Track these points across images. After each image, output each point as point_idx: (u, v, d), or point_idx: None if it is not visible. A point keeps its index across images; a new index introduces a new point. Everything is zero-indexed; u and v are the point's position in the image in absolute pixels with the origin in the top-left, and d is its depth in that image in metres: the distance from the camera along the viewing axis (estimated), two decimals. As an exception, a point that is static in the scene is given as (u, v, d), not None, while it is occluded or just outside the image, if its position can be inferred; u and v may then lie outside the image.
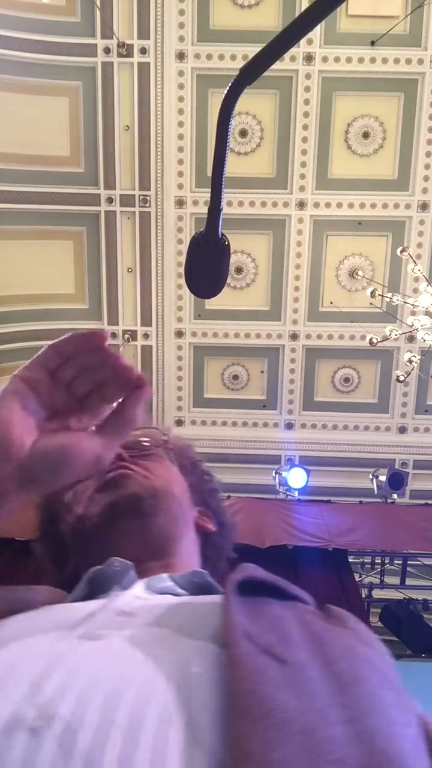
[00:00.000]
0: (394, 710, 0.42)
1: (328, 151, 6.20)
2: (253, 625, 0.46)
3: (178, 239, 6.43)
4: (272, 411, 6.97)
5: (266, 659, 0.42)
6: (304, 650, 0.45)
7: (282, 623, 0.49)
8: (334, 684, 0.42)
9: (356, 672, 0.44)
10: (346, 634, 0.51)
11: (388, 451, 6.88)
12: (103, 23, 5.78)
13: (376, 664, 0.46)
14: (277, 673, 0.41)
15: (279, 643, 0.45)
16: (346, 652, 0.46)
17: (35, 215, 6.26)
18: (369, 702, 0.41)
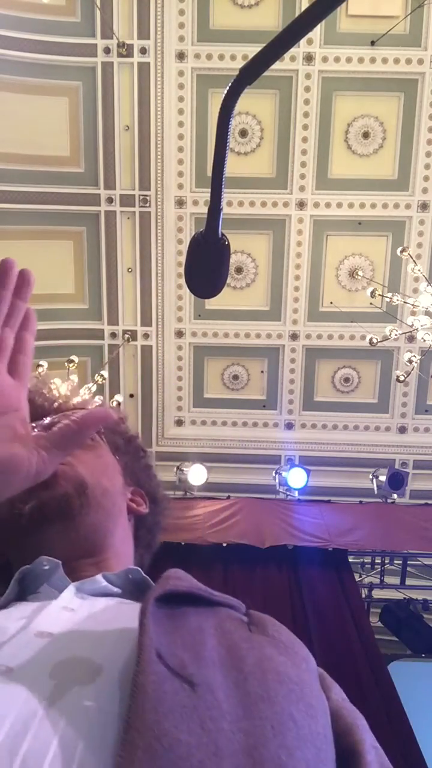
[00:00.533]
0: (300, 726, 0.43)
1: (328, 151, 6.19)
2: (169, 643, 0.46)
3: (178, 239, 6.42)
4: (272, 411, 6.97)
5: (175, 683, 0.41)
6: (218, 667, 0.45)
7: (200, 636, 0.48)
8: (242, 706, 0.42)
9: (265, 688, 0.44)
10: (265, 643, 0.51)
11: (388, 451, 6.88)
12: (103, 23, 5.78)
13: (287, 674, 0.47)
14: (185, 699, 0.40)
15: (192, 662, 0.44)
16: (259, 664, 0.46)
17: (35, 215, 6.26)
18: (273, 725, 0.41)
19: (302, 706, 0.45)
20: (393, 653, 4.64)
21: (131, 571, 0.65)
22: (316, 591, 4.37)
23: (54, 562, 0.64)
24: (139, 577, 0.65)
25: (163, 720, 0.38)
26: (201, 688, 0.42)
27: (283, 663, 0.48)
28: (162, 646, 0.44)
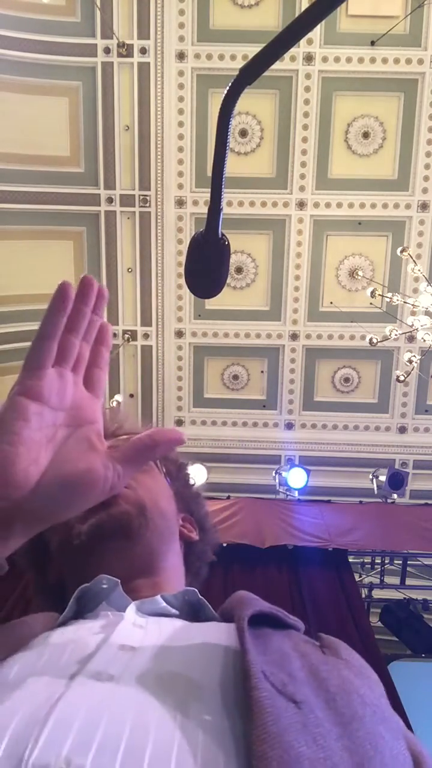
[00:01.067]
0: (390, 746, 0.44)
1: (328, 151, 6.19)
2: (266, 662, 0.47)
3: (178, 239, 6.42)
4: (272, 411, 6.97)
5: (283, 701, 0.43)
6: (308, 687, 0.46)
7: (286, 657, 0.50)
8: (338, 724, 0.43)
9: (353, 709, 0.45)
10: (341, 666, 0.52)
11: (388, 451, 6.88)
12: (103, 23, 5.78)
13: (367, 697, 0.48)
14: (295, 716, 0.41)
15: (289, 681, 0.45)
16: (342, 687, 0.48)
17: (35, 215, 6.26)
18: (369, 743, 0.43)
19: (387, 728, 0.46)
20: (393, 653, 4.64)
21: (188, 593, 0.66)
22: (316, 591, 4.37)
23: (113, 581, 0.64)
24: (195, 599, 0.66)
25: (284, 734, 0.39)
26: (304, 706, 0.43)
27: (361, 686, 0.50)
28: (263, 664, 0.46)
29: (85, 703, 0.42)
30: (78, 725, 0.40)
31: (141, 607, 0.61)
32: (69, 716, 0.40)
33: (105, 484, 0.49)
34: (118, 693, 0.44)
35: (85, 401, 0.52)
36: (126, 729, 0.40)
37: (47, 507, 0.48)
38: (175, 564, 0.78)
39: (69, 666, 0.48)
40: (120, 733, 0.39)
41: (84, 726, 0.40)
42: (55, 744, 0.38)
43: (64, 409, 0.50)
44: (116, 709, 0.42)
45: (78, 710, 0.41)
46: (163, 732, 0.40)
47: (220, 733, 0.41)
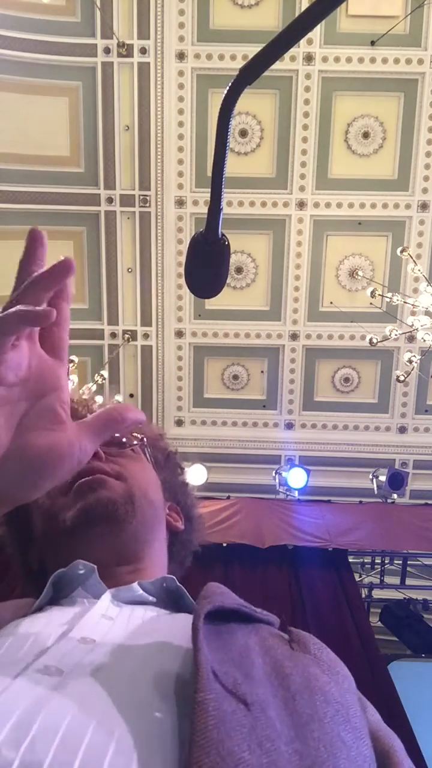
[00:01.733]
0: (349, 747, 0.43)
1: (328, 151, 6.19)
2: (221, 661, 0.46)
3: (178, 239, 6.42)
4: (272, 411, 6.97)
5: (232, 702, 0.41)
6: (267, 685, 0.45)
7: (247, 654, 0.49)
8: (293, 726, 0.42)
9: (314, 709, 0.44)
10: (308, 662, 0.51)
11: (388, 451, 6.88)
12: (103, 23, 5.78)
13: (332, 695, 0.47)
14: (242, 719, 0.40)
15: (244, 681, 0.44)
16: (305, 684, 0.47)
17: (35, 215, 6.26)
18: (324, 746, 0.41)
19: (349, 728, 0.45)
20: (393, 653, 4.64)
21: (166, 580, 0.66)
22: (316, 591, 4.37)
23: (89, 567, 0.64)
24: (173, 586, 0.66)
25: (226, 739, 0.38)
26: (255, 707, 0.42)
27: (327, 683, 0.48)
28: (215, 663, 0.44)
29: (26, 697, 0.41)
30: (14, 720, 0.38)
31: (117, 595, 0.61)
32: (6, 711, 0.39)
33: (71, 460, 0.47)
34: (63, 688, 0.43)
35: (45, 367, 0.47)
36: (63, 724, 0.39)
37: (11, 488, 0.46)
38: (159, 552, 0.77)
39: (24, 659, 0.47)
40: (56, 728, 0.38)
41: (20, 720, 0.38)
42: None
43: (20, 383, 0.45)
44: (57, 705, 0.40)
45: (17, 705, 0.40)
46: (104, 728, 0.39)
47: (165, 733, 0.40)
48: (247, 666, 0.47)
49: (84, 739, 0.38)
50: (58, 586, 0.64)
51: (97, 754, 0.37)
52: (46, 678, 0.44)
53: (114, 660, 0.47)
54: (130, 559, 0.71)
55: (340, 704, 0.47)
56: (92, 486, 0.71)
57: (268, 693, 0.44)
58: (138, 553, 0.72)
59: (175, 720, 0.41)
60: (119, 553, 0.70)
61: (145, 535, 0.73)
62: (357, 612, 4.26)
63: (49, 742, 0.37)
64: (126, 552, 0.71)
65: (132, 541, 0.71)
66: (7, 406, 0.45)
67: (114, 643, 0.50)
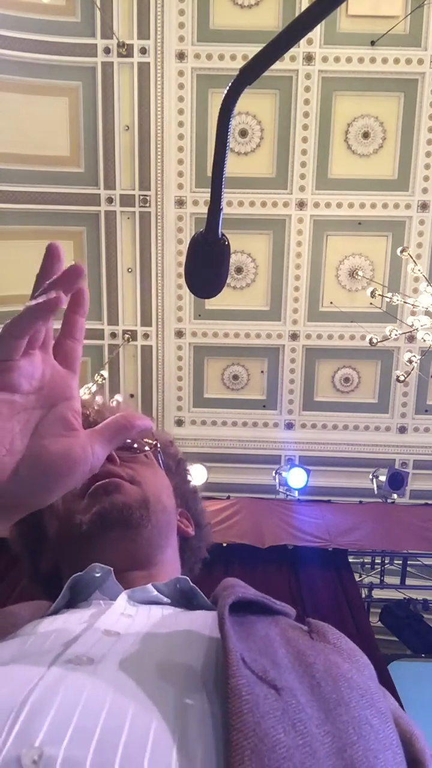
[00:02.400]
0: (377, 730, 0.44)
1: (328, 151, 6.19)
2: (247, 649, 0.46)
3: (178, 239, 6.42)
4: (272, 411, 6.97)
5: (263, 688, 0.42)
6: (292, 672, 0.46)
7: (270, 643, 0.49)
8: (322, 710, 0.43)
9: (339, 694, 0.45)
10: (328, 650, 0.52)
11: (388, 451, 6.88)
12: (103, 23, 5.78)
13: (355, 681, 0.48)
14: (274, 703, 0.41)
15: (271, 667, 0.45)
16: (329, 671, 0.47)
17: (35, 215, 6.26)
18: (353, 728, 0.42)
19: (375, 712, 0.46)
20: (393, 653, 4.64)
21: (180, 581, 0.66)
22: (316, 591, 4.37)
23: (106, 570, 0.64)
24: (187, 587, 0.66)
25: (261, 722, 0.38)
26: (285, 692, 0.42)
27: (349, 670, 0.49)
28: (244, 651, 0.45)
29: (61, 688, 0.41)
30: (53, 712, 0.38)
31: (132, 596, 0.61)
32: (44, 703, 0.39)
33: (84, 466, 0.48)
34: (96, 677, 0.43)
35: (58, 378, 0.49)
36: (102, 715, 0.39)
37: (26, 494, 0.47)
38: (172, 558, 0.78)
39: (51, 651, 0.47)
40: (95, 720, 0.38)
41: (59, 713, 0.39)
42: (29, 733, 0.37)
43: (35, 391, 0.47)
44: (93, 695, 0.41)
45: (54, 696, 0.40)
46: (141, 717, 0.39)
47: (200, 719, 0.40)
48: (272, 654, 0.47)
49: (123, 730, 0.38)
50: (75, 590, 0.64)
51: (137, 744, 0.37)
52: (78, 667, 0.44)
53: (141, 650, 0.48)
54: (144, 563, 0.72)
55: (364, 690, 0.48)
56: (108, 489, 0.71)
57: (295, 680, 0.45)
58: (152, 558, 0.73)
59: (206, 706, 0.42)
60: (134, 558, 0.71)
61: (159, 541, 0.74)
62: (357, 612, 4.26)
63: (90, 737, 0.37)
64: (140, 557, 0.72)
65: (146, 546, 0.72)
66: (23, 413, 0.46)
67: (138, 634, 0.51)
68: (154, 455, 0.83)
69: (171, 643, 0.50)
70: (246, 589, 0.58)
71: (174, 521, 0.80)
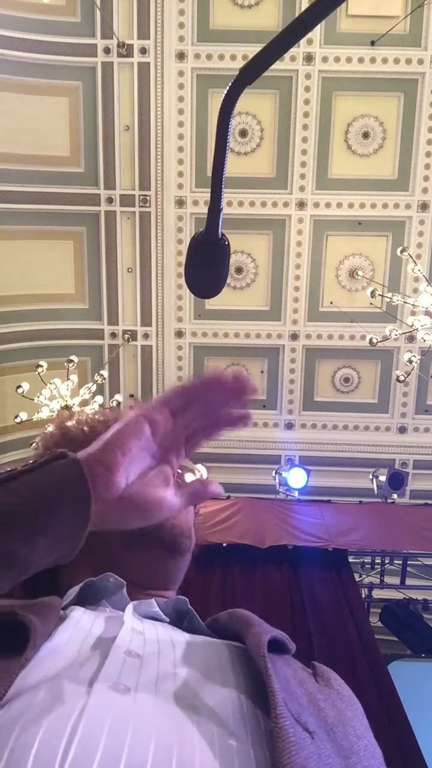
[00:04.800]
0: None
1: (328, 151, 6.20)
2: (283, 690, 0.48)
3: (178, 239, 6.42)
4: (272, 411, 6.97)
5: (300, 731, 0.44)
6: (312, 716, 0.48)
7: (290, 685, 0.51)
8: (341, 757, 0.46)
9: (350, 743, 0.48)
10: (334, 696, 0.55)
11: (388, 451, 6.88)
12: (103, 23, 5.78)
13: (359, 730, 0.51)
14: (311, 747, 0.43)
15: (301, 711, 0.47)
16: (338, 718, 0.51)
17: (35, 215, 6.26)
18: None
19: (376, 763, 0.49)
20: (393, 653, 4.64)
21: (179, 602, 0.68)
22: (316, 591, 4.36)
23: (120, 582, 0.65)
24: (184, 608, 0.68)
25: (306, 764, 0.40)
26: (316, 736, 0.45)
27: (352, 719, 0.52)
28: (282, 692, 0.47)
29: (108, 717, 0.42)
30: (104, 743, 0.39)
31: (137, 608, 0.62)
32: (94, 733, 0.40)
33: (169, 511, 0.56)
34: (138, 708, 0.44)
35: (176, 448, 0.57)
36: (150, 750, 0.40)
37: (118, 517, 0.53)
38: (177, 587, 0.81)
39: (83, 672, 0.48)
40: (145, 755, 0.39)
41: (110, 744, 0.39)
42: (83, 763, 0.38)
43: (160, 446, 0.56)
44: (139, 727, 0.42)
45: (102, 726, 0.41)
46: (187, 755, 0.40)
47: (246, 761, 0.42)
48: (296, 695, 0.49)
49: (172, 765, 0.39)
50: (83, 593, 0.65)
51: None
52: (118, 696, 0.45)
53: (170, 680, 0.49)
54: (165, 587, 0.74)
55: (367, 739, 0.51)
56: None
57: (316, 723, 0.47)
58: (171, 586, 0.75)
59: (248, 747, 0.43)
60: (160, 580, 0.73)
61: (183, 572, 0.77)
62: (357, 612, 4.26)
63: (141, 766, 0.38)
64: (166, 581, 0.74)
65: (175, 574, 0.75)
66: (146, 454, 0.55)
67: (159, 660, 0.52)
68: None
69: (197, 673, 0.51)
70: (268, 626, 0.60)
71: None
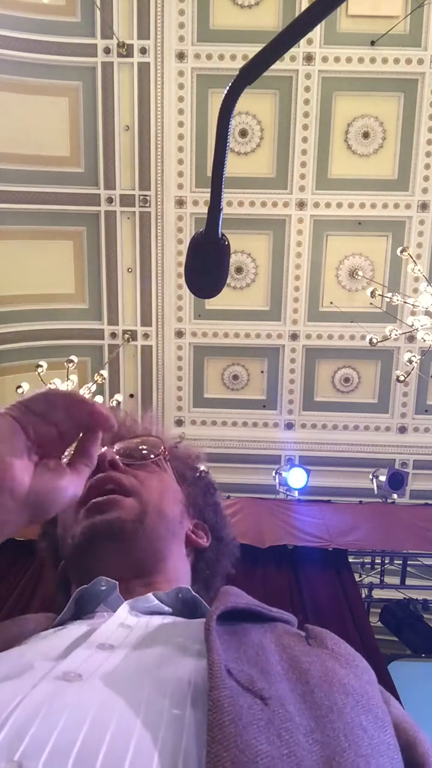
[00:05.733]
0: (370, 736, 0.44)
1: (328, 151, 6.19)
2: (235, 659, 0.46)
3: (178, 239, 6.42)
4: (272, 411, 6.97)
5: (248, 698, 0.42)
6: (284, 680, 0.46)
7: (263, 651, 0.49)
8: (312, 718, 0.43)
9: (333, 700, 0.45)
10: (325, 656, 0.52)
11: (388, 451, 6.88)
12: (103, 23, 5.78)
13: (352, 686, 0.48)
14: (259, 713, 0.41)
15: (260, 677, 0.45)
16: (324, 677, 0.48)
17: (35, 215, 6.26)
18: (344, 735, 0.42)
19: (371, 717, 0.46)
20: (393, 653, 4.64)
21: (181, 590, 0.67)
22: (316, 591, 4.36)
23: (112, 583, 0.65)
24: (189, 596, 0.67)
25: (243, 733, 0.39)
26: (272, 701, 0.42)
27: (345, 675, 0.49)
28: (230, 662, 0.46)
29: (45, 704, 0.41)
30: (34, 728, 0.39)
31: (134, 605, 0.62)
32: (26, 719, 0.40)
33: (70, 494, 0.56)
34: (82, 693, 0.43)
35: (52, 442, 0.57)
36: (83, 729, 0.39)
37: (35, 507, 0.53)
38: (178, 567, 0.78)
39: (43, 666, 0.48)
40: (76, 734, 0.39)
41: (40, 728, 0.39)
42: (9, 748, 0.38)
43: (34, 442, 0.55)
44: (76, 710, 0.41)
45: (36, 712, 0.40)
46: (122, 731, 0.39)
47: (185, 730, 0.40)
48: (263, 663, 0.47)
49: (102, 745, 0.38)
50: (81, 603, 0.65)
51: (117, 754, 0.38)
52: (65, 684, 0.45)
53: (132, 663, 0.48)
54: (142, 573, 0.72)
55: (360, 695, 0.48)
56: (102, 509, 0.73)
57: (286, 688, 0.45)
58: (150, 567, 0.73)
59: (191, 719, 0.42)
60: (130, 569, 0.72)
61: (158, 548, 0.74)
62: (357, 612, 4.26)
63: (69, 751, 0.38)
64: (138, 566, 0.72)
65: (142, 556, 0.72)
66: (28, 454, 0.55)
67: (131, 647, 0.52)
68: (165, 461, 0.83)
69: (161, 655, 0.50)
70: (239, 597, 0.58)
71: (179, 530, 0.80)
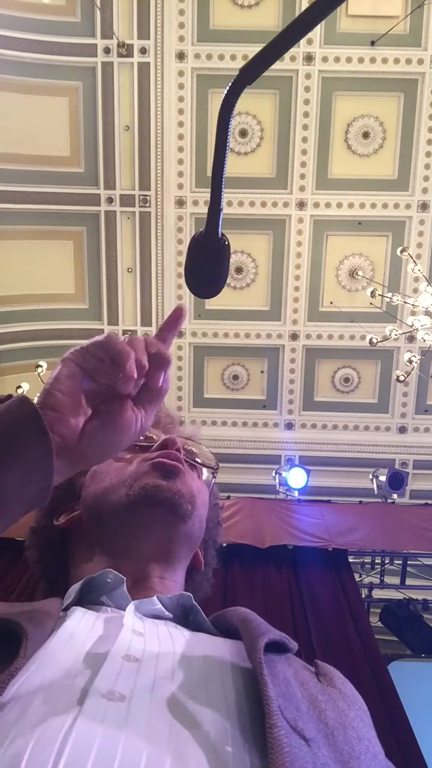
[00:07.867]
0: None
1: (328, 151, 6.20)
2: (279, 695, 0.47)
3: (178, 239, 6.42)
4: (272, 411, 6.97)
5: (296, 738, 0.43)
6: (310, 720, 0.47)
7: (290, 687, 0.50)
8: (339, 762, 0.45)
9: (351, 746, 0.48)
10: (336, 696, 0.54)
11: (388, 451, 6.88)
12: (103, 23, 5.78)
13: (360, 731, 0.51)
14: (306, 755, 0.42)
15: (299, 716, 0.46)
16: (339, 720, 0.50)
17: (35, 215, 6.26)
18: None
19: (377, 765, 0.49)
20: (393, 653, 4.63)
21: (183, 597, 0.67)
22: (316, 591, 4.36)
23: (119, 577, 0.65)
24: (188, 604, 0.67)
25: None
26: (312, 743, 0.44)
27: (354, 719, 0.52)
28: (278, 698, 0.46)
29: (99, 729, 0.41)
30: (95, 753, 0.39)
31: (139, 607, 0.62)
32: (84, 745, 0.40)
33: (134, 428, 0.58)
34: (131, 717, 0.43)
35: (114, 387, 0.57)
36: (142, 760, 0.39)
37: (90, 451, 0.55)
38: (180, 577, 0.78)
39: (78, 680, 0.47)
40: (137, 765, 0.39)
41: (101, 753, 0.39)
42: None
43: (99, 382, 0.56)
44: (131, 737, 0.41)
45: (93, 738, 0.40)
46: (181, 764, 0.40)
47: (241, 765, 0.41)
48: (295, 700, 0.49)
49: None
50: (84, 590, 0.64)
51: None
52: (111, 705, 0.44)
53: (167, 684, 0.49)
54: (167, 559, 0.73)
55: (369, 741, 0.50)
56: (168, 470, 0.73)
57: (313, 728, 0.46)
58: (174, 557, 0.74)
59: (245, 755, 0.43)
60: (163, 547, 0.72)
61: (189, 545, 0.75)
62: (357, 612, 4.26)
63: None
64: (168, 549, 0.73)
65: (178, 540, 0.73)
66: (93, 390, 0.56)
67: (157, 663, 0.52)
68: (210, 478, 0.84)
69: (196, 675, 0.51)
70: (267, 625, 0.59)
71: (199, 542, 0.81)
